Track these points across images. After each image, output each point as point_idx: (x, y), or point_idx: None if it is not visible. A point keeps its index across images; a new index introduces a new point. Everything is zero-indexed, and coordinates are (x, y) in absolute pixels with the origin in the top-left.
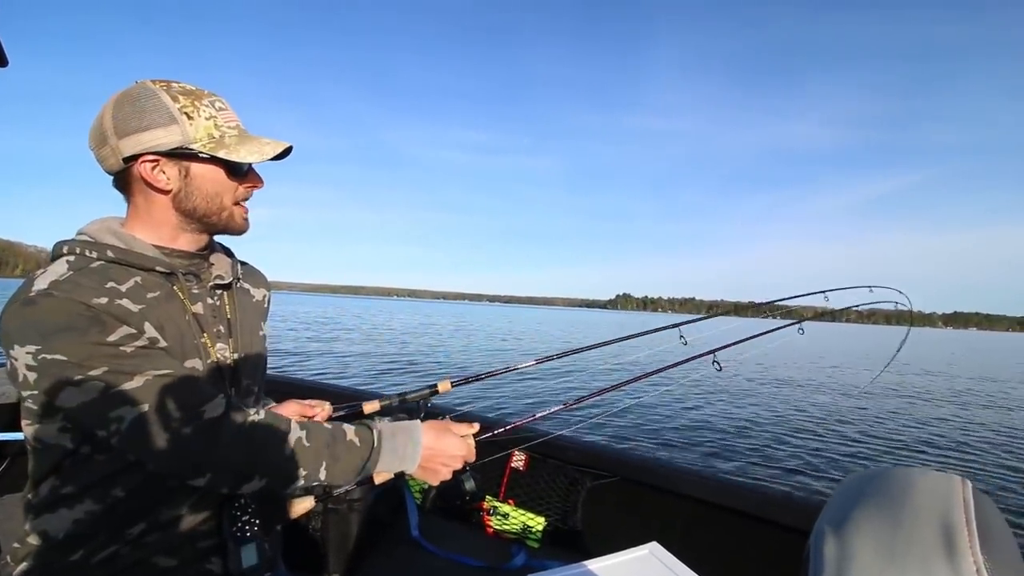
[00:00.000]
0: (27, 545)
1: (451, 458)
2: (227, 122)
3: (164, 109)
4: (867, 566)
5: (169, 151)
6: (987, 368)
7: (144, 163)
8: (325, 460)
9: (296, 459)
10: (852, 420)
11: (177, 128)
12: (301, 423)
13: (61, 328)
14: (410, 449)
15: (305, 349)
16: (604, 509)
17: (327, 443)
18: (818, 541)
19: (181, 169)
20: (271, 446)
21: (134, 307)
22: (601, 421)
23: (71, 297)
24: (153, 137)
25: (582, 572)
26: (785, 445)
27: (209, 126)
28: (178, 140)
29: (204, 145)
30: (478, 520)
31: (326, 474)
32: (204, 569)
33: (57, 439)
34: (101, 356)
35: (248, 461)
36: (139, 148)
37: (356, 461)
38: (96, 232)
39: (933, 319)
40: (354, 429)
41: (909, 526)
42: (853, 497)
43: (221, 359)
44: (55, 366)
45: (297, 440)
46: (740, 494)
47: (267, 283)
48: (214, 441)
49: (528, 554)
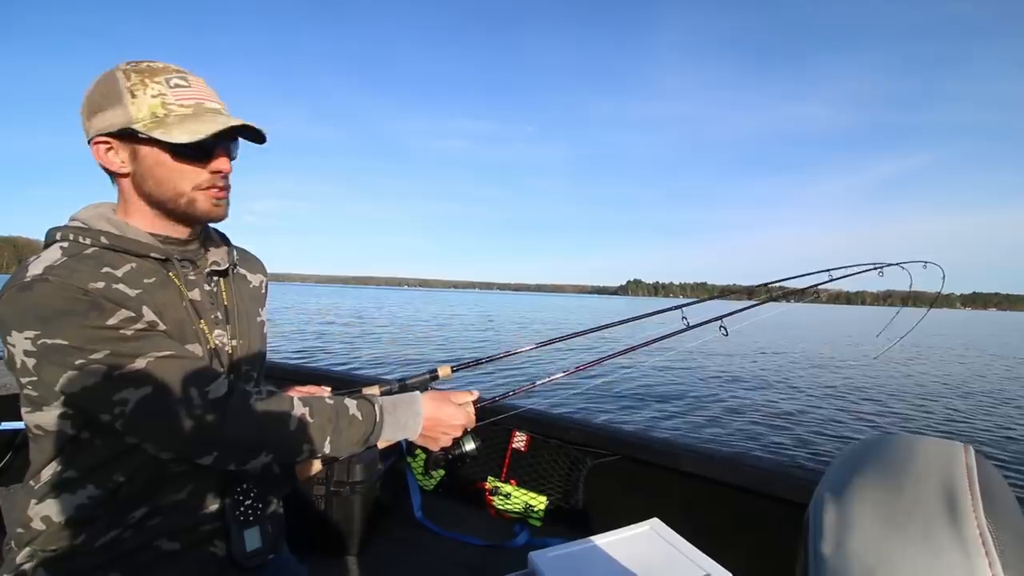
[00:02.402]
0: (30, 530)
1: (451, 427)
2: (179, 99)
3: (115, 89)
4: (868, 533)
5: (117, 132)
6: (1008, 348)
7: (97, 145)
8: (329, 435)
9: (301, 434)
10: (855, 396)
11: (121, 108)
12: (304, 399)
13: (60, 312)
14: (411, 420)
15: (309, 338)
16: (605, 487)
17: (330, 418)
18: (817, 509)
19: (131, 152)
20: (276, 422)
21: (131, 291)
22: (602, 390)
23: (68, 282)
24: (104, 118)
25: (584, 549)
26: (781, 421)
27: (155, 104)
28: (121, 120)
29: (144, 125)
30: (480, 500)
31: (330, 447)
32: (207, 552)
33: (58, 425)
34: (102, 339)
35: (254, 436)
36: (95, 130)
37: (358, 435)
38: (89, 218)
39: (951, 300)
40: (356, 404)
41: (911, 492)
42: (853, 465)
43: (219, 345)
44: (55, 351)
45: (301, 416)
46: (739, 469)
47: (264, 269)
48: (221, 418)
49: (530, 532)
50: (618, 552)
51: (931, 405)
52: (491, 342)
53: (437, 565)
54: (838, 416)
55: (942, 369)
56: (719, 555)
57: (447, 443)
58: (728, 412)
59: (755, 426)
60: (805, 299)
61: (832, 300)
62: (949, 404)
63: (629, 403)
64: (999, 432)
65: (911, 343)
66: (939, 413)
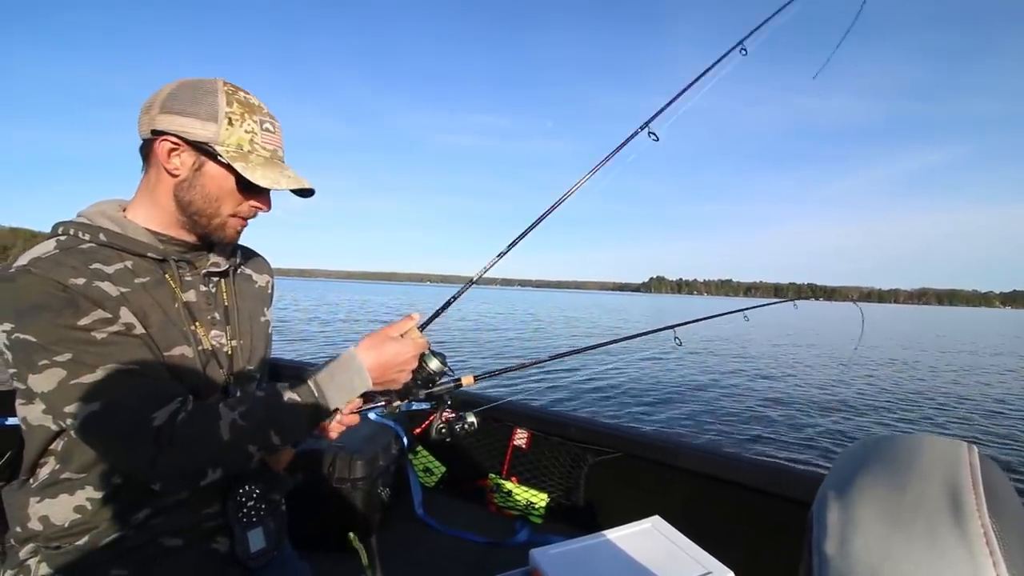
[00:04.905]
0: (27, 529)
1: (402, 363)
2: (265, 143)
3: (213, 107)
4: (872, 531)
5: (194, 142)
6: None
7: (165, 141)
8: (271, 428)
9: (239, 439)
10: (853, 396)
11: (214, 127)
12: (230, 403)
13: (35, 307)
14: (356, 378)
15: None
16: (606, 484)
17: (266, 411)
18: (821, 508)
19: (197, 161)
20: (208, 438)
21: (114, 291)
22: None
23: (48, 276)
24: (187, 123)
25: (585, 546)
26: (784, 420)
27: (244, 139)
28: (207, 136)
29: (227, 151)
30: (482, 497)
31: (279, 439)
32: (210, 549)
33: (40, 420)
34: (69, 340)
35: (189, 461)
36: (170, 127)
37: (302, 417)
38: (93, 214)
39: (990, 299)
40: (289, 386)
41: (915, 491)
42: (857, 464)
43: (216, 346)
44: (24, 347)
45: (232, 422)
46: (740, 467)
47: (270, 269)
48: (155, 452)
49: (531, 530)
50: (619, 549)
51: (940, 405)
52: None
53: (438, 562)
54: (843, 414)
55: (963, 369)
56: (721, 553)
57: (407, 379)
58: (730, 410)
59: (758, 424)
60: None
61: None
62: (959, 404)
63: (628, 400)
64: (1005, 431)
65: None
66: (950, 413)
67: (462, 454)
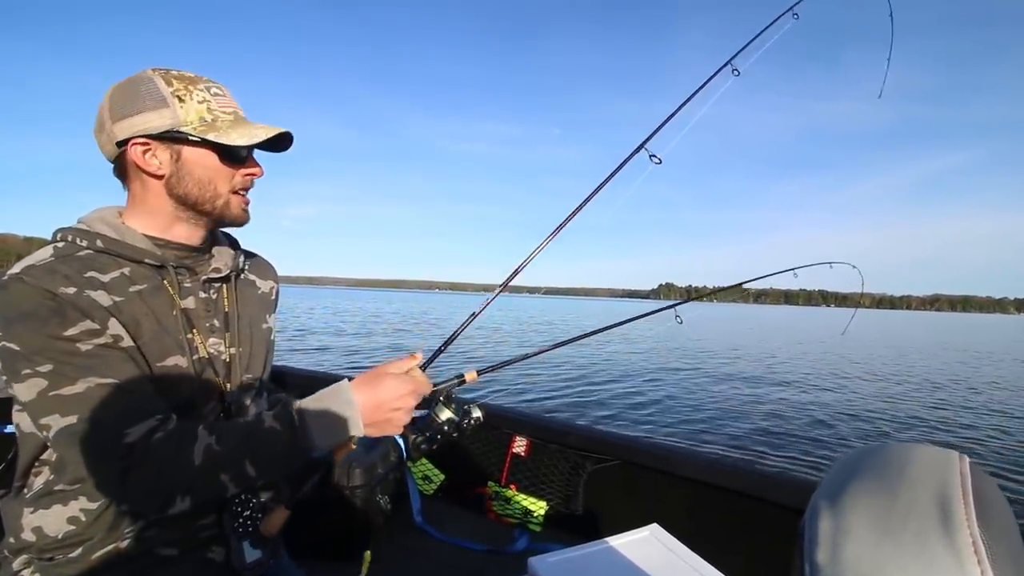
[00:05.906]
0: (21, 541)
1: (398, 400)
2: (222, 107)
3: (156, 93)
4: (862, 540)
5: (160, 134)
6: None
7: (135, 146)
8: (246, 456)
9: (212, 465)
10: (850, 404)
11: (168, 111)
12: (211, 426)
13: (23, 315)
14: (348, 411)
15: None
16: (605, 492)
17: (243, 438)
18: (813, 516)
19: (173, 153)
20: (180, 462)
21: (106, 300)
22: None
23: (39, 284)
24: (144, 120)
25: (584, 554)
26: (781, 429)
27: (201, 109)
28: (168, 123)
29: (195, 128)
30: (480, 505)
31: (254, 469)
32: (206, 558)
33: (30, 427)
34: (52, 351)
35: (160, 485)
36: (131, 131)
37: (279, 446)
38: (91, 221)
39: (1005, 305)
40: (272, 414)
41: (905, 500)
42: (849, 473)
43: (214, 354)
44: (9, 356)
45: (206, 448)
46: (738, 475)
47: (275, 275)
48: (123, 473)
49: (530, 537)
50: (618, 558)
51: (934, 414)
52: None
53: (437, 570)
54: (841, 424)
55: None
56: (719, 561)
57: (405, 420)
58: (729, 417)
59: (755, 433)
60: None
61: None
62: (954, 413)
63: (625, 409)
64: (996, 441)
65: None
66: (947, 421)
67: (461, 462)
